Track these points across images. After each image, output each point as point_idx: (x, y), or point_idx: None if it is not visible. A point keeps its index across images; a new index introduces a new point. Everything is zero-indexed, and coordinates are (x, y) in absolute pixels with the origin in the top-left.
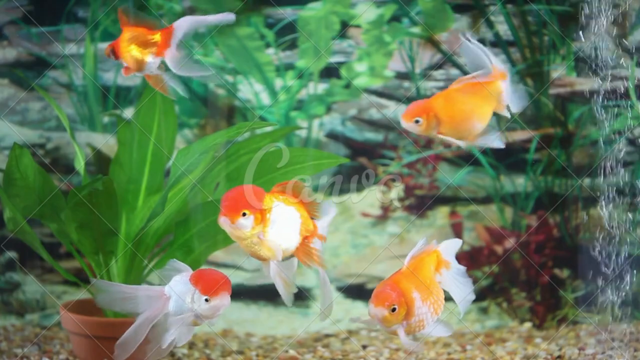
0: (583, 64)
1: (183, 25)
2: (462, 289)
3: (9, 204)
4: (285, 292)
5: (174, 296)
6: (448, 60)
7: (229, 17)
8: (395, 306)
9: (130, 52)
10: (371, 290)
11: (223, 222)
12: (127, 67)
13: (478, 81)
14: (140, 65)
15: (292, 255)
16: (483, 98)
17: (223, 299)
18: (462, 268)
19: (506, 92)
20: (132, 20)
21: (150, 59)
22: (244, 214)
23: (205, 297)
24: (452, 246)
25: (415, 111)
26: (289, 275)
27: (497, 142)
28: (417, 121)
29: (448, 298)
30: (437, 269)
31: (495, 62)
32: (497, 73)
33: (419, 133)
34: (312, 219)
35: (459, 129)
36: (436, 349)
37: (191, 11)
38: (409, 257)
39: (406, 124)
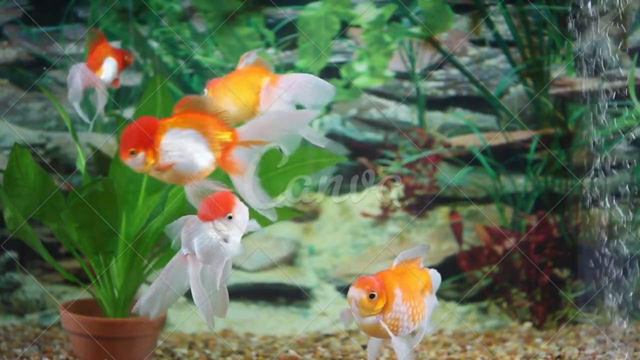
0: (583, 64)
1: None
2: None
3: (10, 204)
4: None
5: (198, 245)
6: (448, 60)
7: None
8: (375, 293)
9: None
10: None
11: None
12: None
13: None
14: None
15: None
16: (250, 85)
17: (240, 207)
18: (437, 304)
19: (266, 95)
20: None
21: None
22: (132, 152)
23: (228, 215)
24: (436, 280)
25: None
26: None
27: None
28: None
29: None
30: (423, 290)
31: (288, 78)
32: (272, 75)
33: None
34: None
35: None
36: (436, 349)
37: (191, 11)
38: (400, 256)
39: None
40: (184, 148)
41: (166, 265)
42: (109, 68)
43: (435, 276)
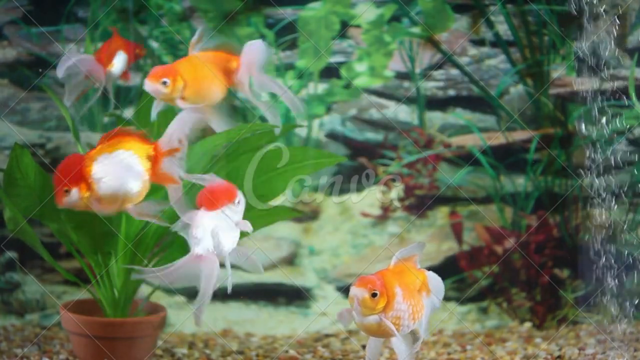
0: (583, 64)
1: None
2: (424, 319)
3: (10, 204)
4: None
5: (208, 239)
6: (448, 60)
7: None
8: (377, 292)
9: None
10: None
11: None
12: None
13: (220, 52)
14: None
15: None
16: (220, 69)
17: (237, 192)
18: (437, 305)
19: (240, 78)
20: None
21: None
22: (66, 191)
23: (237, 200)
24: (435, 281)
25: (162, 73)
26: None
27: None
28: (164, 82)
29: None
30: (420, 289)
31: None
32: (237, 57)
33: (164, 97)
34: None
35: (202, 93)
36: (436, 349)
37: (191, 11)
38: (398, 254)
39: (152, 86)
40: (116, 171)
41: (173, 264)
42: (119, 62)
43: (437, 284)
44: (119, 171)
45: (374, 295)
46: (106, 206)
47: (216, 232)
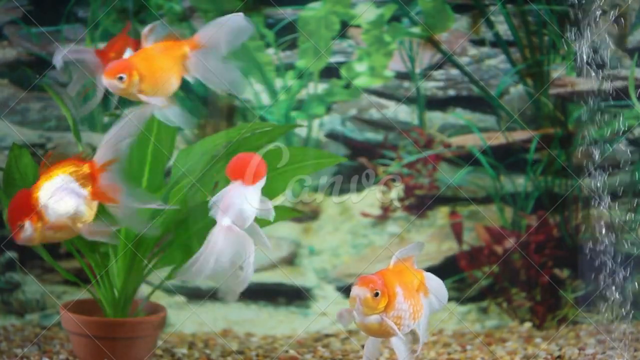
0: (583, 64)
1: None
2: (424, 321)
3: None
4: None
5: (237, 212)
6: (448, 60)
7: None
8: (379, 291)
9: None
10: None
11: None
12: None
13: (171, 40)
14: None
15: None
16: (174, 58)
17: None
18: (437, 307)
19: (192, 62)
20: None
21: None
22: (20, 227)
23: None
24: (436, 283)
25: (118, 68)
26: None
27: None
28: (120, 78)
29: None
30: (418, 289)
31: (203, 34)
32: (188, 40)
33: (122, 92)
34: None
35: (159, 85)
36: (436, 349)
37: (191, 11)
38: (397, 254)
39: (109, 82)
40: (58, 197)
41: (208, 238)
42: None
43: (439, 286)
44: (61, 196)
45: (376, 294)
46: (59, 233)
47: (245, 208)
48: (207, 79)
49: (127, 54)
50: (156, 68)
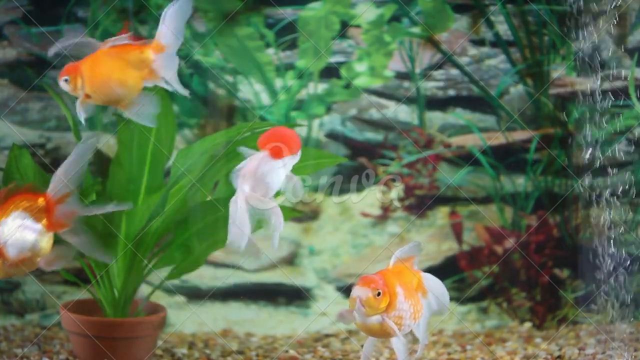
0: (583, 64)
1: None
2: (423, 321)
3: None
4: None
5: (256, 181)
6: (448, 60)
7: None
8: (380, 291)
9: None
10: None
11: None
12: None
13: (129, 45)
14: None
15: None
16: (130, 63)
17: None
18: (435, 307)
19: (161, 64)
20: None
21: None
22: None
23: (299, 152)
24: (433, 282)
25: (65, 70)
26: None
27: (147, 120)
28: (65, 80)
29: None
30: (416, 289)
31: (163, 34)
32: (152, 43)
33: (70, 92)
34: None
35: (103, 91)
36: (436, 349)
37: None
38: (397, 253)
39: (59, 82)
40: (16, 233)
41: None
42: None
43: (427, 279)
44: (19, 232)
45: (377, 294)
46: (20, 268)
47: (270, 179)
48: (174, 81)
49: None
50: (103, 72)
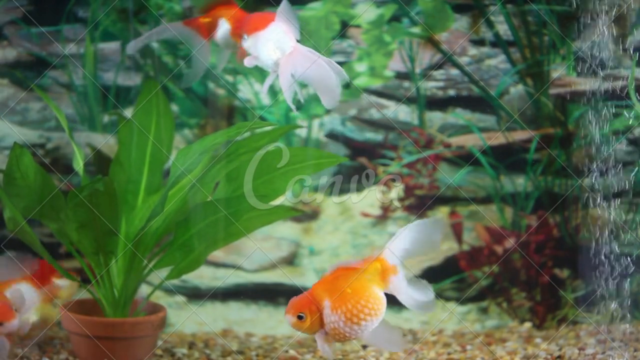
0: (583, 64)
1: None
2: (410, 294)
3: (9, 203)
4: None
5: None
6: (448, 60)
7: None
8: (302, 314)
9: None
10: None
11: None
12: None
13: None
14: None
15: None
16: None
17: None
18: (409, 274)
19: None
20: None
21: None
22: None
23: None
24: (398, 249)
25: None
26: None
27: None
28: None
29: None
30: (384, 276)
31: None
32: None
33: None
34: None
35: None
36: (436, 349)
37: (191, 11)
38: (333, 266)
39: None
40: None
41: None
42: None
43: (391, 253)
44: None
45: (300, 317)
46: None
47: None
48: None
49: (222, 24)
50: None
